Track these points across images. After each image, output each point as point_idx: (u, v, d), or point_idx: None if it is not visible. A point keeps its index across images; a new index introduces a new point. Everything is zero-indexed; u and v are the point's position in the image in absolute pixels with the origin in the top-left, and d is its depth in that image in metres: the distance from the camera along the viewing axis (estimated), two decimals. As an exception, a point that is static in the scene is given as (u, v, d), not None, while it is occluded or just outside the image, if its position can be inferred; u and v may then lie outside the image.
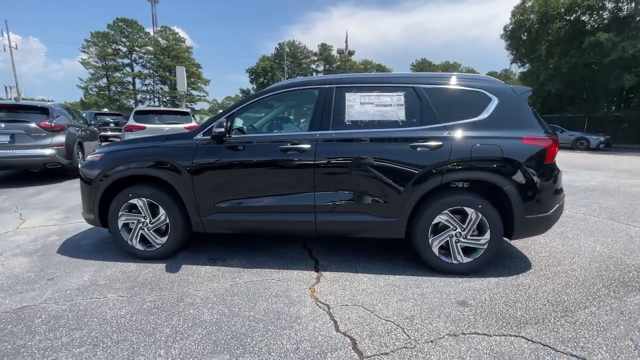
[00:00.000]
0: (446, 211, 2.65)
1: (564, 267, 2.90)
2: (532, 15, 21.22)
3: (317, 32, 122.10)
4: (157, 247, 2.94)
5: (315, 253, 3.16)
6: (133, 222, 2.94)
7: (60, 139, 6.31)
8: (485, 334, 1.96)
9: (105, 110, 22.07)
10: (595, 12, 19.74)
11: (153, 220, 2.91)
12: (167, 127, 7.30)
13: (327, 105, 2.78)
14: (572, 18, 20.39)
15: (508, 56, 23.39)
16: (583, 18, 20.36)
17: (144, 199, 2.87)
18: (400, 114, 2.73)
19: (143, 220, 2.92)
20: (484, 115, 2.68)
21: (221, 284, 2.57)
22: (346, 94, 2.80)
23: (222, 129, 2.64)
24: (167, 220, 2.89)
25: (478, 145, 2.58)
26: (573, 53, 19.59)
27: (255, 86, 71.28)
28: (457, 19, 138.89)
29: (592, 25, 20.39)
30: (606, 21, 19.66)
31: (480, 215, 2.62)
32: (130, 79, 51.39)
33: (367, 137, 2.70)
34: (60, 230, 3.76)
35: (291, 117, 3.25)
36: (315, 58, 73.31)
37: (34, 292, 2.41)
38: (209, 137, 2.81)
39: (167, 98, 54.21)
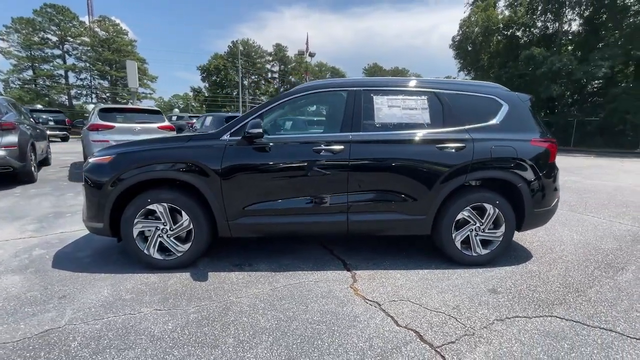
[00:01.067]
0: (468, 207, 2.87)
1: (558, 254, 3.30)
2: (476, 29, 23.43)
3: (269, 32, 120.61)
4: (179, 255, 2.75)
5: (337, 253, 3.20)
6: (150, 230, 2.71)
7: (12, 139, 5.50)
8: (526, 317, 2.18)
9: (39, 106, 19.41)
10: (527, 29, 22.48)
11: (174, 227, 2.72)
12: (138, 127, 6.75)
13: (356, 108, 2.84)
14: (509, 33, 22.97)
15: (456, 64, 25.67)
16: (518, 33, 23.03)
17: (164, 204, 2.67)
18: (425, 117, 2.89)
19: (162, 226, 2.71)
20: (498, 119, 2.96)
21: (260, 289, 2.50)
22: (374, 97, 2.89)
23: (260, 130, 2.57)
24: (191, 226, 2.72)
25: (495, 146, 2.84)
26: (510, 64, 22.00)
27: (207, 85, 68.37)
28: (402, 27, 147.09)
29: (525, 41, 23.10)
30: (537, 37, 22.42)
31: (497, 210, 2.89)
32: (62, 72, 45.98)
33: (397, 139, 2.82)
34: (42, 243, 3.31)
35: (314, 118, 3.22)
36: (270, 58, 72.41)
37: (49, 312, 2.12)
38: (238, 137, 2.71)
39: (108, 95, 49.54)
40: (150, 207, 2.66)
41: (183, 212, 2.69)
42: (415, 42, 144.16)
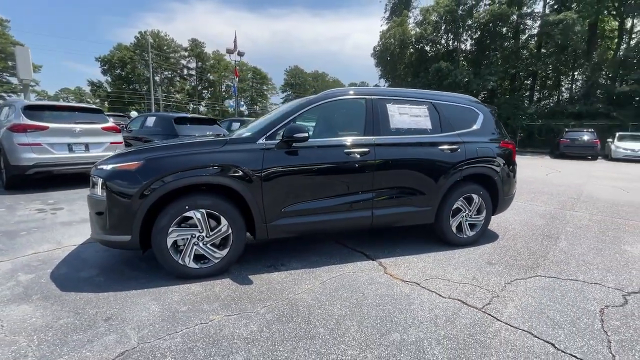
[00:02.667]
0: (461, 198, 3.49)
1: (513, 232, 4.20)
2: (392, 41, 26.13)
3: (178, 25, 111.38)
4: (216, 262, 2.69)
5: (352, 246, 3.50)
6: (185, 238, 2.59)
7: None
8: (522, 278, 2.84)
9: None
10: (434, 45, 26.09)
11: (211, 233, 2.65)
12: (78, 128, 5.83)
13: (375, 114, 3.19)
14: (420, 47, 26.28)
15: (377, 72, 28.26)
16: (426, 48, 26.54)
17: (202, 210, 2.58)
18: (427, 123, 3.41)
19: (198, 234, 2.62)
20: (477, 125, 3.66)
21: (311, 285, 2.64)
22: (387, 105, 3.28)
23: (306, 134, 2.69)
24: (229, 231, 2.69)
25: (479, 148, 3.53)
26: (422, 75, 25.20)
27: (110, 78, 59.97)
28: (318, 32, 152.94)
29: (432, 55, 26.73)
30: (441, 52, 26.17)
31: (480, 199, 3.58)
32: None
33: (409, 142, 3.26)
34: (20, 267, 2.79)
35: (337, 123, 3.44)
36: (186, 54, 67.30)
37: (109, 335, 1.93)
38: (276, 141, 2.78)
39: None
40: (187, 214, 2.55)
41: (222, 218, 2.64)
42: (331, 47, 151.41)
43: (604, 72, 24.79)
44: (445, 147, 3.37)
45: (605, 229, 4.39)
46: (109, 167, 2.54)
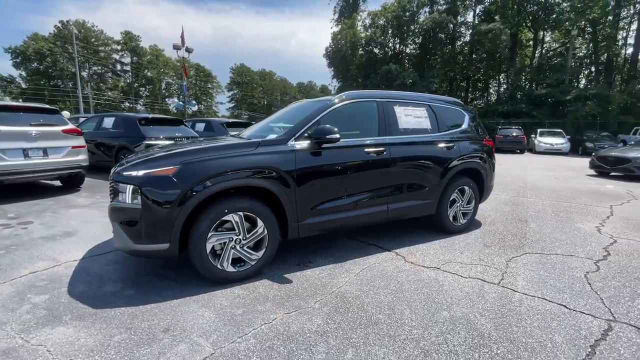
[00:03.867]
0: (456, 190, 3.91)
1: (491, 218, 4.79)
2: (344, 42, 26.98)
3: (106, 15, 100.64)
4: (252, 263, 2.69)
5: (364, 240, 3.71)
6: (223, 242, 2.56)
7: None
8: (517, 256, 3.32)
9: None
10: (382, 47, 27.55)
11: (248, 236, 2.65)
12: (34, 131, 5.14)
13: (386, 116, 3.43)
14: (369, 49, 27.53)
15: (330, 72, 28.98)
16: (375, 50, 27.91)
17: (240, 213, 2.57)
18: (427, 124, 3.75)
19: (236, 237, 2.60)
20: (465, 125, 4.12)
21: (346, 277, 2.79)
22: (394, 107, 3.54)
23: (338, 135, 2.81)
24: (265, 233, 2.71)
25: (469, 145, 3.98)
26: (372, 76, 26.45)
27: (24, 73, 52.20)
28: (261, 30, 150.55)
29: (380, 57, 28.19)
30: (389, 55, 27.73)
31: (471, 190, 4.05)
32: None
33: (415, 141, 3.57)
34: (25, 289, 2.49)
35: (352, 124, 3.56)
36: (119, 47, 61.40)
37: (178, 346, 1.87)
38: (305, 142, 2.87)
39: None
40: (226, 217, 2.53)
41: (258, 220, 2.66)
42: (275, 45, 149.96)
43: (523, 77, 28.51)
44: (444, 145, 3.76)
45: (558, 211, 5.22)
46: (139, 173, 2.40)
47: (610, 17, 24.78)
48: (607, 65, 26.60)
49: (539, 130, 20.05)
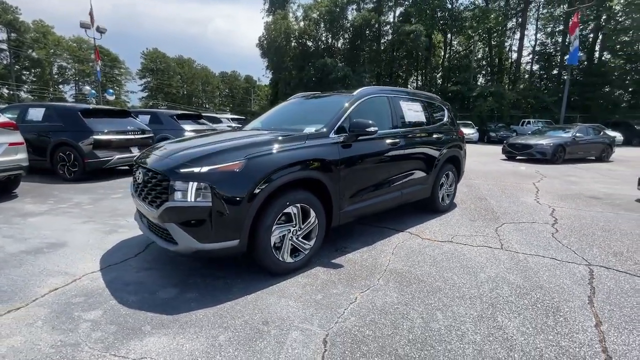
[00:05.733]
0: (444, 175, 4.52)
1: (459, 198, 5.59)
2: (278, 33, 26.61)
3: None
4: (306, 253, 2.79)
5: (376, 224, 4.04)
6: (283, 234, 2.61)
7: None
8: (500, 226, 4.05)
9: None
10: (316, 41, 28.02)
11: (302, 226, 2.73)
12: (-41, 125, 4.10)
13: (396, 109, 3.78)
14: (303, 41, 27.71)
15: (264, 62, 28.28)
16: (309, 43, 28.24)
17: (298, 205, 2.64)
18: (423, 117, 4.24)
19: (293, 228, 2.67)
20: (446, 118, 4.74)
21: (388, 257, 3.09)
22: (400, 102, 3.92)
23: (376, 128, 3.02)
24: (316, 222, 2.82)
25: (452, 136, 4.61)
26: (307, 69, 26.79)
27: None
28: (172, 11, 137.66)
29: (313, 50, 28.67)
30: (321, 49, 28.38)
31: (452, 174, 4.71)
32: None
33: (419, 132, 4.01)
34: (70, 306, 2.16)
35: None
36: (-11, 20, 49.37)
37: (289, 335, 1.94)
38: (344, 134, 3.03)
39: None
40: (287, 210, 2.57)
41: (311, 210, 2.76)
42: (190, 30, 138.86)
43: (437, 75, 32.25)
44: (437, 135, 4.30)
45: (503, 189, 6.35)
46: (203, 169, 2.27)
47: (500, 27, 29.62)
48: (499, 67, 31.80)
49: (454, 122, 23.12)
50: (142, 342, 1.85)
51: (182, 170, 2.30)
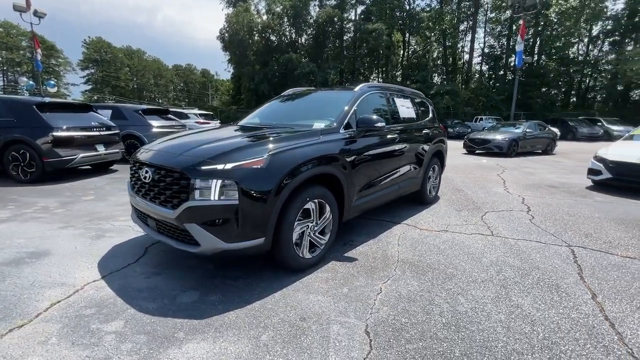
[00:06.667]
0: (431, 169, 4.76)
1: (445, 188, 5.92)
2: (241, 26, 25.76)
3: None
4: (322, 248, 2.80)
5: (375, 218, 4.16)
6: (303, 230, 2.59)
7: None
8: (483, 214, 4.37)
9: None
10: (279, 35, 27.58)
11: (319, 221, 2.74)
12: None
13: (392, 106, 3.91)
14: (266, 35, 27.14)
15: (225, 56, 27.17)
16: (272, 38, 27.72)
17: (316, 200, 2.64)
18: (413, 113, 4.42)
19: (311, 224, 2.66)
20: (430, 114, 4.98)
21: (396, 248, 3.20)
22: (395, 98, 4.05)
23: (383, 123, 3.09)
24: (331, 217, 2.84)
25: (437, 131, 4.86)
26: (271, 64, 26.33)
27: None
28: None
29: (277, 45, 28.23)
30: (285, 43, 28.03)
31: (438, 167, 4.98)
32: None
33: (412, 127, 4.18)
34: (84, 318, 1.97)
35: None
36: None
37: (331, 328, 1.95)
38: (351, 129, 3.07)
39: None
40: (307, 206, 2.56)
41: (326, 205, 2.77)
42: (137, 19, 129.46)
43: (397, 73, 33.47)
44: (426, 131, 4.51)
45: (474, 181, 6.83)
46: (227, 166, 2.17)
47: (453, 29, 31.47)
48: (453, 67, 33.82)
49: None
50: (181, 349, 1.75)
51: (203, 168, 2.18)
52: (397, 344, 1.83)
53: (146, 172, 2.46)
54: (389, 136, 3.63)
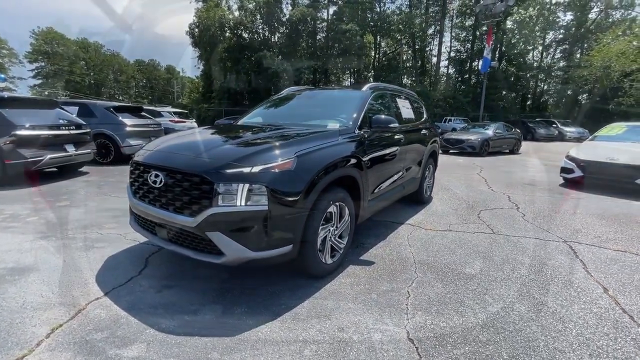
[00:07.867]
0: (427, 168, 4.83)
1: (437, 188, 6.04)
2: (212, 22, 24.82)
3: None
4: (341, 252, 2.71)
5: (376, 217, 4.13)
6: (325, 235, 2.49)
7: None
8: (479, 212, 4.51)
9: None
10: (252, 33, 26.93)
11: (339, 225, 2.65)
12: None
13: (396, 106, 3.90)
14: (238, 33, 26.38)
15: (195, 52, 26.04)
16: (245, 35, 27.01)
17: (337, 204, 2.55)
18: (412, 114, 4.45)
19: (331, 228, 2.57)
20: (425, 115, 5.06)
21: (409, 249, 3.18)
22: (397, 99, 4.05)
23: (396, 123, 3.04)
24: (349, 220, 2.76)
25: (432, 131, 4.95)
26: (244, 62, 25.67)
27: None
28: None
29: (249, 42, 27.57)
30: (257, 41, 27.44)
31: (432, 166, 5.07)
32: None
33: (412, 128, 4.20)
34: (86, 345, 1.72)
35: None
36: None
37: (375, 335, 1.87)
38: (364, 130, 3.01)
39: None
40: (330, 209, 2.46)
41: (346, 208, 2.69)
42: (90, 10, 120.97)
43: (369, 74, 34.02)
44: (424, 131, 4.57)
45: (458, 180, 7.06)
46: (255, 169, 2.01)
47: (422, 33, 32.58)
48: (422, 70, 35.00)
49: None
50: (220, 372, 1.59)
51: (228, 171, 2.01)
52: (444, 350, 1.79)
53: (156, 176, 2.23)
54: (396, 137, 3.61)
